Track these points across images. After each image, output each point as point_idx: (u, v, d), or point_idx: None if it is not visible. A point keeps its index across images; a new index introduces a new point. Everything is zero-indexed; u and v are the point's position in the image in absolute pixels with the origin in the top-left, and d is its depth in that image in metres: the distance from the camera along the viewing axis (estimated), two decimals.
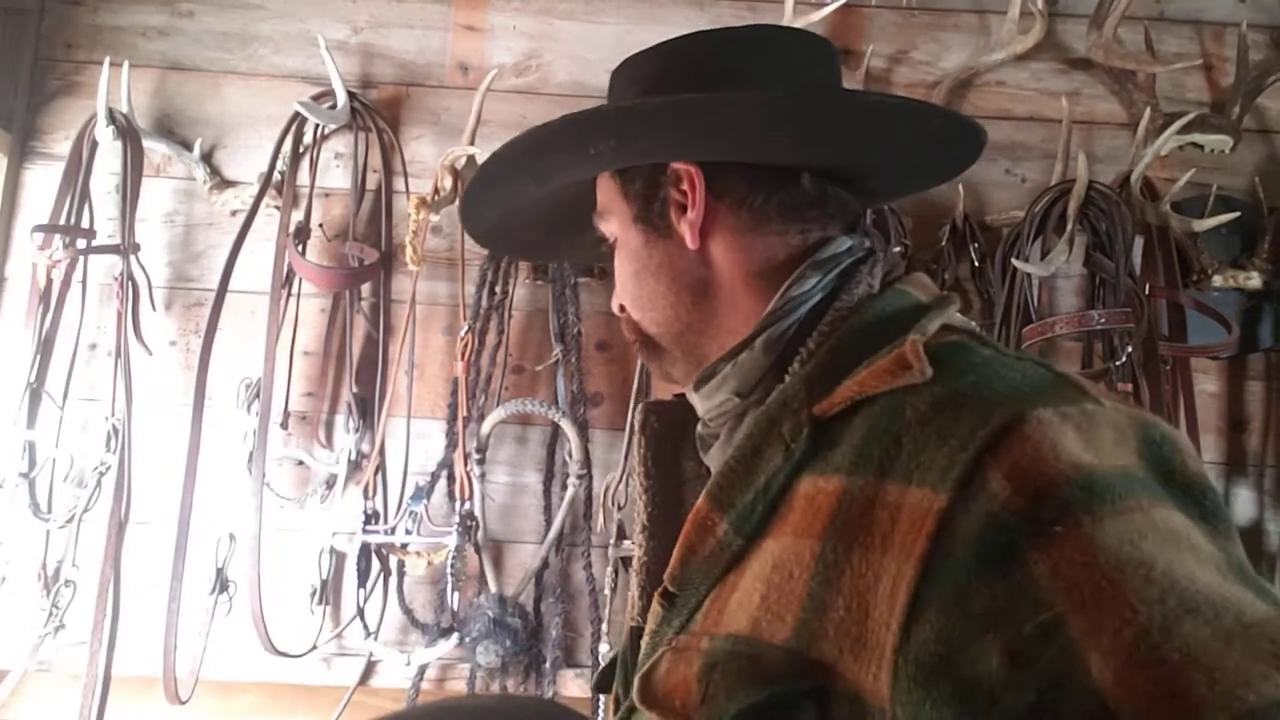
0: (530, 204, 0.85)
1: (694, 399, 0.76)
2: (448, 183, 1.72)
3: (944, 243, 1.83)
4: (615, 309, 0.82)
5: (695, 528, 0.65)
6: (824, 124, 0.74)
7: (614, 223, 0.78)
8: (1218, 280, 1.79)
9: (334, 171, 1.90)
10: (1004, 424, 0.53)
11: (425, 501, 1.72)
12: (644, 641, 0.66)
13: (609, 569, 1.72)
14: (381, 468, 1.80)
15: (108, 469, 1.71)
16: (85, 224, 1.80)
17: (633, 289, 0.78)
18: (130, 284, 1.74)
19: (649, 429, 0.82)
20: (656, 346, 0.78)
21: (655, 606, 0.65)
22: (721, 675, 0.56)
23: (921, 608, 0.50)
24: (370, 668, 1.76)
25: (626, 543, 1.72)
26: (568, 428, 1.75)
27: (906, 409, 0.58)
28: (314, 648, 1.72)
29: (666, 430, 0.82)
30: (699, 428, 0.78)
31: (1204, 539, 0.49)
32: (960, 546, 0.50)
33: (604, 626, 1.71)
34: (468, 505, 1.71)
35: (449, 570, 1.67)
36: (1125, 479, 0.51)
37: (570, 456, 1.76)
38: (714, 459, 0.74)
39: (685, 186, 0.74)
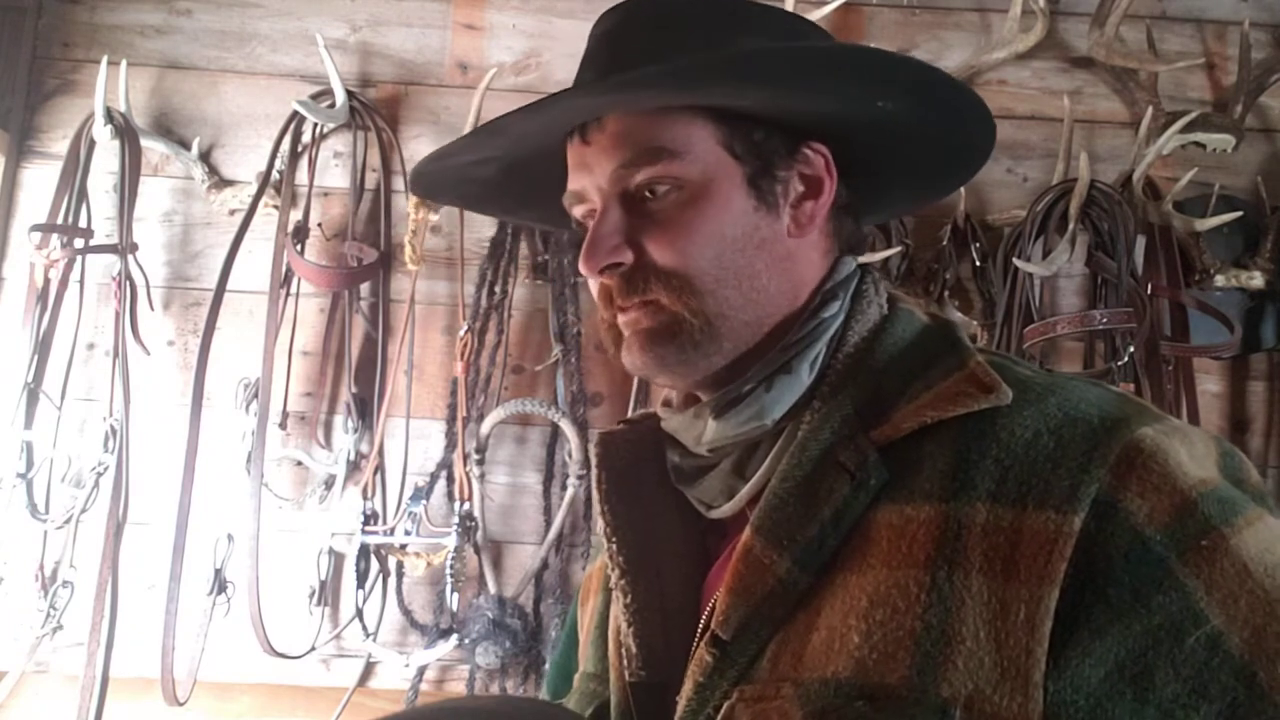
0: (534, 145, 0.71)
1: (694, 424, 0.68)
2: None
3: (945, 242, 1.83)
4: (618, 260, 0.64)
5: (748, 567, 0.59)
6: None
7: (695, 168, 0.64)
8: (1220, 280, 1.78)
9: (333, 171, 1.90)
10: (1122, 444, 0.53)
11: (424, 502, 1.72)
12: (685, 696, 0.59)
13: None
14: (380, 468, 1.79)
15: (105, 469, 1.71)
16: (83, 223, 1.79)
17: (722, 253, 0.63)
18: (128, 283, 1.73)
19: (609, 463, 0.72)
20: (710, 334, 0.64)
21: (703, 656, 0.59)
22: None
23: (1069, 631, 0.50)
24: (369, 669, 1.75)
25: None
26: (567, 428, 1.74)
27: (999, 432, 0.56)
28: (313, 649, 1.71)
29: (627, 461, 0.73)
30: (675, 457, 0.70)
31: None
32: (1104, 567, 0.50)
33: None
34: (467, 506, 1.71)
35: (448, 571, 1.66)
36: (1234, 491, 0.54)
37: (570, 457, 1.75)
38: (711, 490, 0.67)
39: (818, 171, 0.67)
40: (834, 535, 0.58)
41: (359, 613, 1.72)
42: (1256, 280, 1.78)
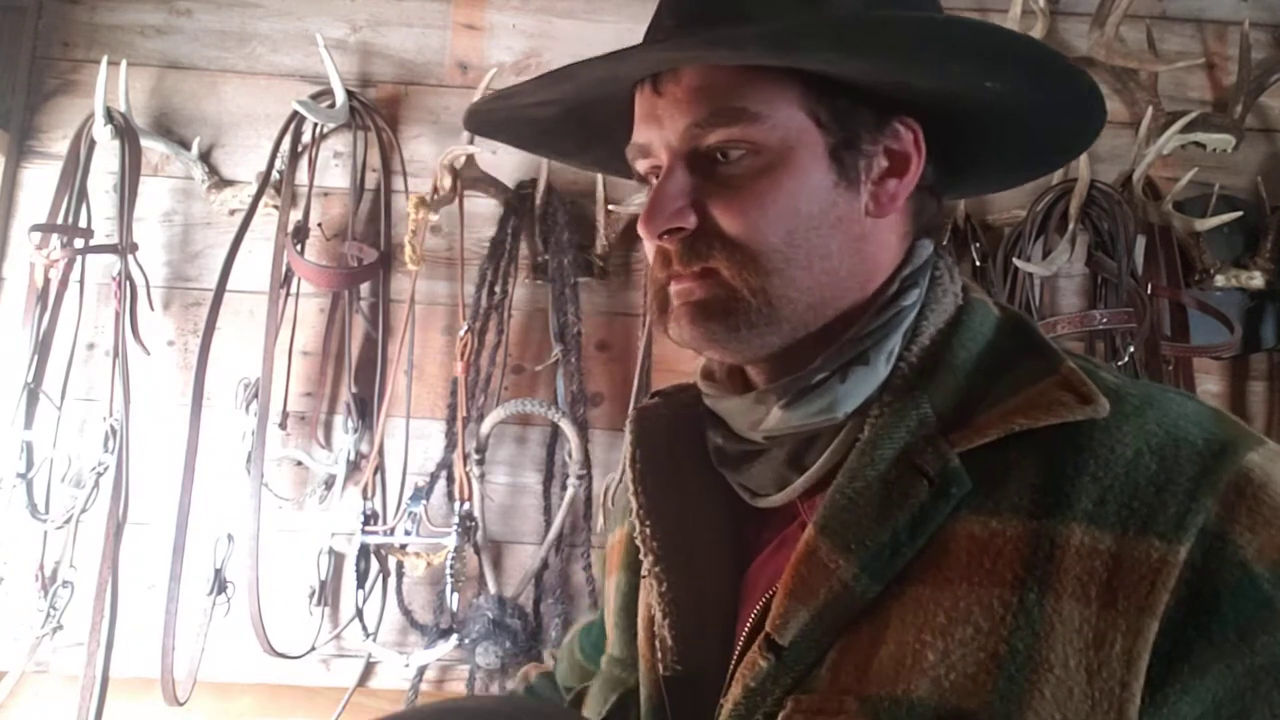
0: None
1: (754, 409, 0.63)
2: (447, 182, 1.71)
3: (945, 242, 1.83)
4: (680, 224, 0.59)
5: (811, 569, 0.55)
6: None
7: (775, 134, 0.59)
8: (1220, 280, 1.78)
9: (333, 170, 1.90)
10: (1232, 473, 0.51)
11: (424, 502, 1.72)
12: (733, 699, 0.56)
13: None
14: (380, 468, 1.79)
15: (105, 469, 1.70)
16: (83, 223, 1.79)
17: (794, 229, 0.59)
18: (128, 283, 1.73)
19: (644, 441, 0.69)
20: (769, 315, 0.60)
21: (755, 660, 0.56)
22: None
23: (1167, 666, 0.48)
24: (369, 669, 1.75)
25: None
26: (567, 428, 1.74)
27: (1097, 447, 0.53)
28: (313, 649, 1.71)
29: (662, 439, 0.69)
30: (719, 439, 0.66)
31: None
32: (1210, 602, 0.48)
33: None
34: (467, 506, 1.71)
35: (448, 571, 1.66)
36: None
37: (570, 457, 1.75)
38: (760, 478, 0.64)
39: (905, 147, 0.62)
40: (909, 544, 0.54)
41: (359, 613, 1.72)
42: (1256, 280, 1.78)
